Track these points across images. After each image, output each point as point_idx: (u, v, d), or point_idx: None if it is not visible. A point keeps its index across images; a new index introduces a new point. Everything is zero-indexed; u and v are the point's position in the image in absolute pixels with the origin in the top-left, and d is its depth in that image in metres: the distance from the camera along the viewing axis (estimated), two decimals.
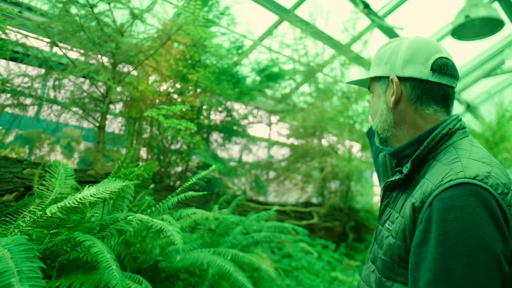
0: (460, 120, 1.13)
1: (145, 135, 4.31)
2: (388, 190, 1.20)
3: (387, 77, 1.17)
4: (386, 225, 1.12)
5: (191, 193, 2.33)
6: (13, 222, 1.90)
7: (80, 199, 1.53)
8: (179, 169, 4.53)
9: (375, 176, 6.90)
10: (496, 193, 0.90)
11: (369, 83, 1.31)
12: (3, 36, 2.87)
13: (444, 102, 1.14)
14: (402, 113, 1.16)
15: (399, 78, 1.14)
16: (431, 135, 1.09)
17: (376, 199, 7.39)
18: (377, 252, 1.15)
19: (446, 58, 1.12)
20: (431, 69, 1.10)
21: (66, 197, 1.64)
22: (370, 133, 1.99)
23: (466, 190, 0.90)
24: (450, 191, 0.91)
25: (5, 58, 3.05)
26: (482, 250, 0.86)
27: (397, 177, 1.12)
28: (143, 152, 4.38)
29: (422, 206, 0.96)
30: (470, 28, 4.66)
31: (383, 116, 1.21)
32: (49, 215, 1.50)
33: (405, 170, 1.10)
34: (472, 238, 0.86)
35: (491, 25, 4.57)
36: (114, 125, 4.35)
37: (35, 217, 1.60)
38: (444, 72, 1.11)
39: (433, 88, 1.12)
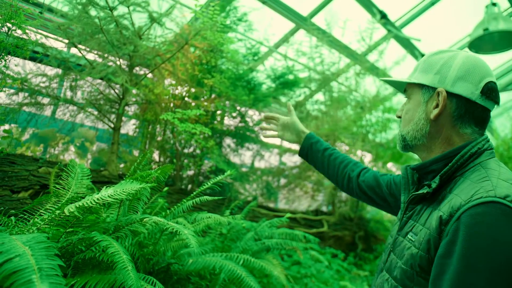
0: (488, 141, 1.14)
1: (159, 138, 4.33)
2: (413, 203, 1.21)
3: (433, 88, 1.17)
4: (409, 236, 1.13)
5: (206, 197, 2.33)
6: (29, 220, 1.91)
7: (98, 199, 1.54)
8: (191, 172, 4.54)
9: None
10: None
11: (405, 86, 1.30)
12: (24, 36, 2.91)
13: (482, 125, 1.16)
14: (440, 127, 1.17)
15: (447, 92, 1.14)
16: (460, 152, 1.11)
17: None
18: (395, 261, 1.15)
19: (495, 83, 1.13)
20: (481, 91, 1.10)
21: (82, 197, 1.65)
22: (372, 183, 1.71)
23: (496, 209, 0.90)
24: (480, 207, 0.92)
25: (24, 58, 3.09)
26: (505, 269, 0.86)
27: (425, 190, 1.13)
28: (156, 155, 4.40)
29: (450, 220, 0.97)
30: (488, 41, 4.62)
31: (419, 125, 1.21)
32: (67, 214, 1.51)
33: (433, 184, 1.11)
34: (497, 256, 0.86)
35: (510, 39, 4.53)
36: (128, 127, 4.38)
37: (53, 216, 1.62)
38: (491, 97, 1.12)
39: (477, 110, 1.13)
